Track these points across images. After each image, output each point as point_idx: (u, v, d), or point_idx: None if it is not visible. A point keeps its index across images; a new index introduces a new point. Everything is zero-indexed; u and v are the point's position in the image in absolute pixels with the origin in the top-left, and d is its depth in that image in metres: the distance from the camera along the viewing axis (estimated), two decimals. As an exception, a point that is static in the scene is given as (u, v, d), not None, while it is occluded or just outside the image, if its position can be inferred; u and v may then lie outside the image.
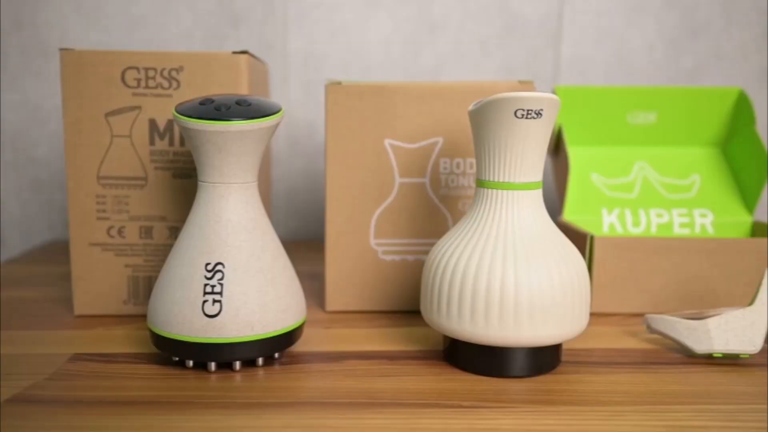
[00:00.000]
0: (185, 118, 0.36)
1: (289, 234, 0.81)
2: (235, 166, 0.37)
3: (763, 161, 0.58)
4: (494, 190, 0.39)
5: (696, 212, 0.60)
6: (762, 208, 0.84)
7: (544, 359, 0.39)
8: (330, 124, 0.47)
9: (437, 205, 0.49)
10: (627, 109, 0.62)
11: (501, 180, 0.38)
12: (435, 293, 0.38)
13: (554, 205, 0.79)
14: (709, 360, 0.42)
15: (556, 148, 0.62)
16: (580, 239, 0.52)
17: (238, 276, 0.36)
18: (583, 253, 0.51)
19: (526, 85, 0.48)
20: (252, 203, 0.38)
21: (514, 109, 0.36)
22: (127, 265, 0.47)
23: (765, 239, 0.50)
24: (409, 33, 0.76)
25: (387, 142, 0.48)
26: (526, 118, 0.37)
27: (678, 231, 0.60)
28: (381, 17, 0.75)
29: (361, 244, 0.49)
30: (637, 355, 0.43)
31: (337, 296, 0.50)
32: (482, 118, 0.38)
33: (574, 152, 0.63)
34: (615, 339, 0.46)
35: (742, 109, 0.61)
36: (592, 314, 0.51)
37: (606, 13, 0.78)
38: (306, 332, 0.46)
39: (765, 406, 0.36)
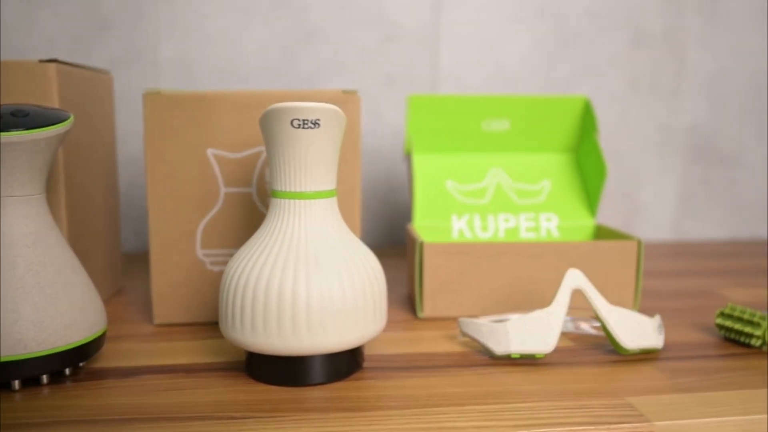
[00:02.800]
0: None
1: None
2: (10, 179, 0.37)
3: (602, 167, 0.60)
4: (285, 200, 0.39)
5: (542, 217, 0.62)
6: (606, 212, 0.87)
7: (340, 365, 0.40)
8: (149, 135, 0.47)
9: (264, 215, 0.49)
10: (481, 117, 0.63)
11: (290, 190, 0.39)
12: (229, 307, 0.39)
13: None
14: (509, 361, 0.44)
15: (409, 156, 0.63)
16: (413, 245, 0.53)
17: (9, 293, 0.36)
18: (415, 259, 0.52)
19: (350, 95, 0.48)
20: (34, 217, 0.38)
21: (290, 119, 0.37)
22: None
23: (584, 242, 0.52)
24: (286, 41, 0.76)
25: (210, 151, 0.48)
26: (303, 127, 0.37)
27: (524, 235, 0.61)
28: (256, 25, 0.76)
29: (188, 255, 0.49)
30: (443, 359, 0.44)
31: (164, 309, 0.49)
32: (265, 129, 0.38)
33: (429, 160, 0.64)
34: (431, 343, 0.47)
35: (587, 117, 0.63)
36: (422, 319, 0.52)
37: (482, 23, 0.80)
38: (122, 346, 0.46)
39: (534, 404, 0.37)
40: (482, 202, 0.62)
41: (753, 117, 0.88)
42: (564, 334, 0.49)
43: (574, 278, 0.44)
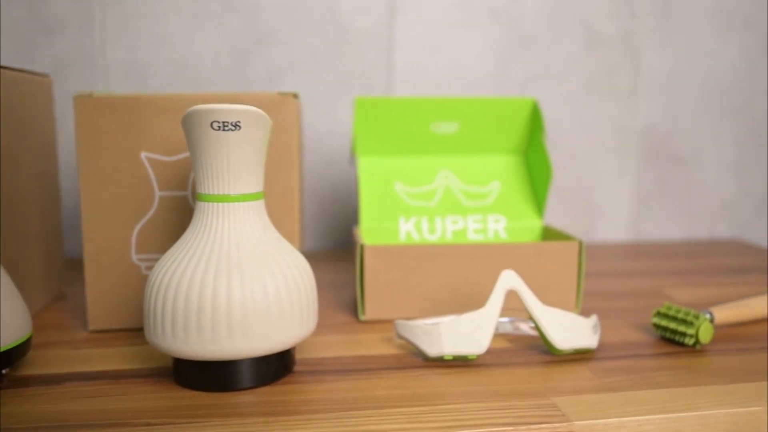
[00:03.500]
0: None
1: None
2: None
3: (548, 168, 0.60)
4: (209, 203, 0.39)
5: (490, 218, 0.62)
6: (565, 213, 0.87)
7: (268, 370, 0.40)
8: (81, 138, 0.47)
9: (201, 218, 0.49)
10: (430, 119, 0.63)
11: (213, 192, 0.38)
12: (150, 312, 0.38)
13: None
14: (442, 362, 0.43)
15: (355, 158, 0.63)
16: (355, 248, 0.52)
17: None
18: (356, 261, 0.51)
19: (286, 97, 0.48)
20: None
21: (210, 121, 0.37)
22: None
23: (524, 244, 0.52)
24: (238, 44, 0.76)
25: (144, 155, 0.47)
26: (224, 130, 0.37)
27: (472, 237, 0.61)
28: (207, 28, 0.75)
29: (123, 260, 0.48)
30: (377, 362, 0.44)
31: (99, 315, 0.49)
32: (186, 131, 0.38)
33: (377, 162, 0.64)
34: (368, 346, 0.47)
35: (535, 119, 0.63)
36: (364, 322, 0.52)
37: (436, 25, 0.80)
38: (52, 353, 0.45)
39: (459, 406, 0.37)
40: (430, 205, 0.62)
41: (708, 118, 0.89)
42: (502, 336, 0.49)
43: (509, 279, 0.44)
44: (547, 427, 0.35)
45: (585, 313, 0.55)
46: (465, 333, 0.43)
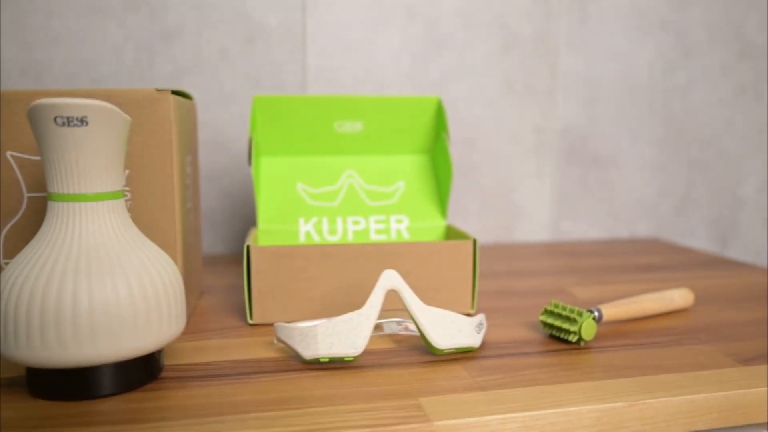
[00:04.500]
0: None
1: None
2: None
3: (449, 168, 0.60)
4: (59, 203, 0.37)
5: (393, 218, 0.61)
6: (486, 213, 0.87)
7: (128, 376, 0.38)
8: (-61, 136, 0.44)
9: (74, 220, 0.46)
10: (333, 118, 0.62)
11: (63, 192, 0.36)
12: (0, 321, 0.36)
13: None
14: (320, 365, 0.42)
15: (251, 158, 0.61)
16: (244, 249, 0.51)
17: None
18: (243, 263, 0.50)
19: (163, 94, 0.46)
20: None
21: (53, 116, 0.35)
22: None
23: (418, 243, 0.51)
24: (142, 41, 0.74)
25: (9, 154, 0.45)
26: (69, 125, 0.35)
27: (374, 237, 0.60)
28: (109, 25, 0.73)
29: (-11, 263, 0.46)
30: (252, 366, 0.42)
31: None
32: (32, 127, 0.36)
33: (278, 162, 0.62)
34: (249, 350, 0.45)
35: (439, 118, 0.62)
36: (253, 325, 0.50)
37: (351, 23, 0.79)
38: None
39: (322, 409, 0.36)
40: (332, 205, 0.61)
41: (626, 118, 0.90)
42: (389, 336, 0.48)
43: (389, 279, 0.43)
44: (405, 428, 0.34)
45: (481, 311, 0.54)
46: (341, 334, 0.42)
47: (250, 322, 0.50)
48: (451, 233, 0.59)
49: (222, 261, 0.74)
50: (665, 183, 0.93)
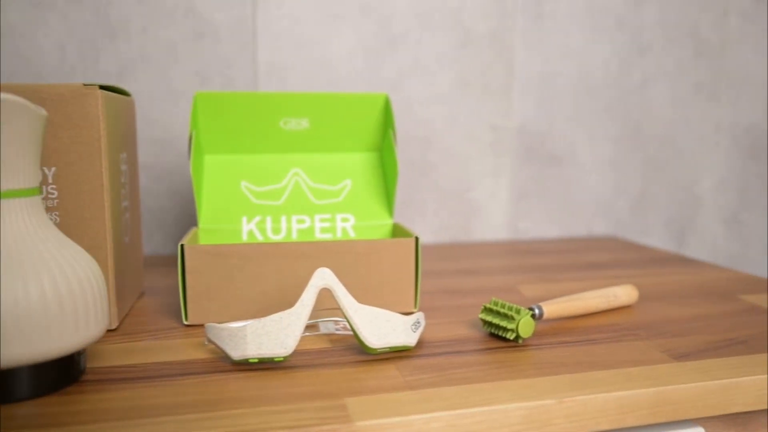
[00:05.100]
0: None
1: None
2: None
3: (395, 166, 0.59)
4: (-31, 200, 0.35)
5: (339, 217, 0.60)
6: (443, 212, 0.87)
7: (44, 379, 0.36)
8: None
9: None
10: (279, 115, 0.61)
11: (-27, 188, 0.35)
12: None
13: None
14: (250, 365, 0.41)
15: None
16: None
17: None
18: (178, 262, 0.49)
19: (90, 89, 0.45)
20: None
21: (-43, 110, 0.33)
22: None
23: (358, 241, 0.50)
24: (86, 38, 0.72)
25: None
26: (-26, 119, 0.34)
27: (319, 236, 0.60)
28: (52, 20, 0.71)
29: None
30: (178, 367, 0.41)
31: None
32: (-64, 121, 0.34)
33: (222, 160, 0.61)
34: (179, 351, 0.44)
35: (387, 115, 0.62)
36: (189, 326, 0.49)
37: (303, 19, 0.78)
38: None
39: (243, 411, 0.35)
40: (277, 204, 0.60)
41: (582, 116, 0.90)
42: (326, 336, 0.47)
43: (322, 277, 0.42)
44: (326, 428, 0.33)
45: (425, 310, 0.54)
46: (270, 334, 0.41)
47: (186, 322, 0.49)
48: (398, 231, 0.59)
49: (171, 261, 0.72)
50: (622, 181, 0.93)
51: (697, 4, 0.92)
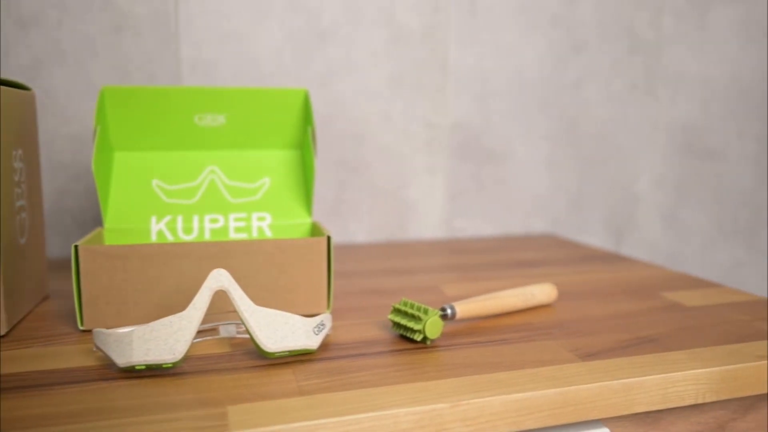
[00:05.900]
0: None
1: None
2: None
3: (312, 163, 0.57)
4: None
5: (255, 216, 0.58)
6: (377, 211, 0.86)
7: None
8: None
9: None
10: (193, 111, 0.59)
11: None
12: None
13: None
14: (134, 373, 0.39)
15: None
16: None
17: None
18: (72, 264, 0.46)
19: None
20: None
21: None
22: None
23: (266, 241, 0.48)
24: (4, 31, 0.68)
25: None
26: None
27: (234, 236, 0.57)
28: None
29: None
30: (58, 376, 0.39)
31: None
32: None
33: (134, 157, 0.59)
34: (63, 359, 0.41)
35: (307, 112, 0.60)
36: (82, 331, 0.46)
37: (228, 15, 0.76)
38: None
39: (116, 421, 0.32)
40: (190, 202, 0.58)
41: (518, 113, 0.90)
42: (226, 340, 0.45)
43: (217, 278, 0.40)
44: (200, 440, 0.31)
45: (339, 311, 0.52)
46: (158, 339, 0.39)
47: (82, 328, 0.46)
48: (315, 231, 0.57)
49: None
50: (559, 179, 0.93)
51: (632, 2, 0.93)
